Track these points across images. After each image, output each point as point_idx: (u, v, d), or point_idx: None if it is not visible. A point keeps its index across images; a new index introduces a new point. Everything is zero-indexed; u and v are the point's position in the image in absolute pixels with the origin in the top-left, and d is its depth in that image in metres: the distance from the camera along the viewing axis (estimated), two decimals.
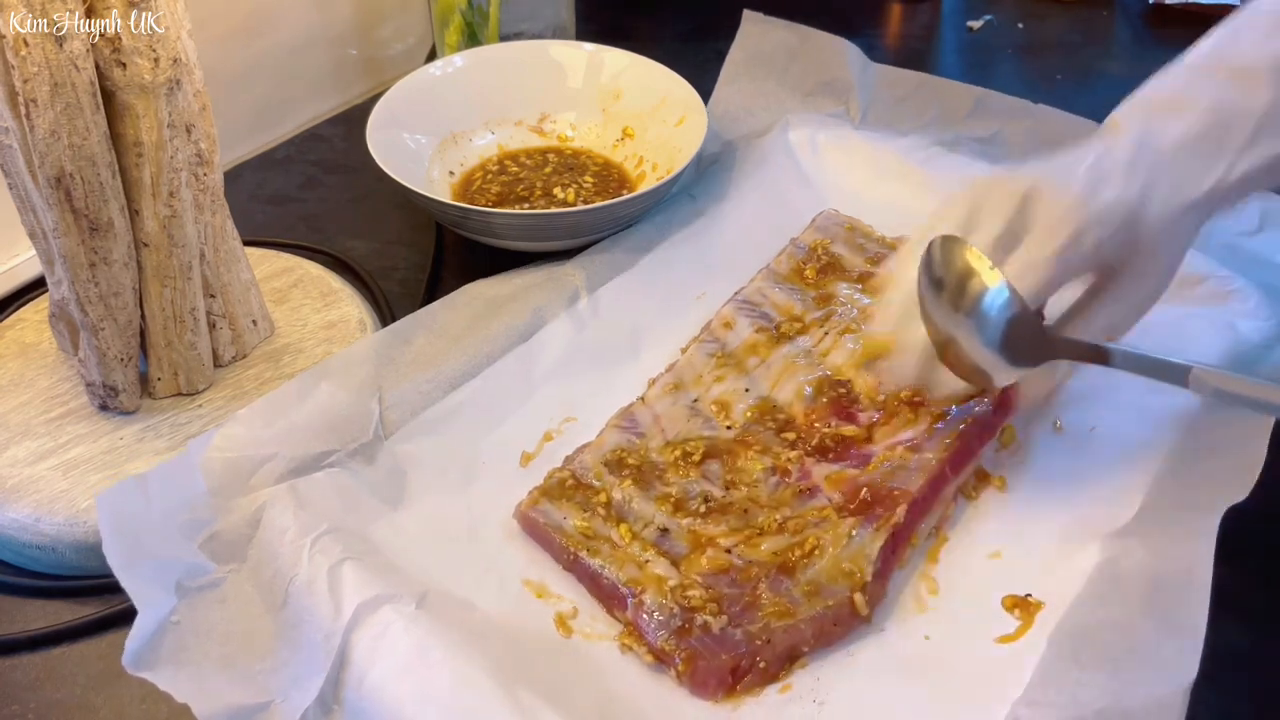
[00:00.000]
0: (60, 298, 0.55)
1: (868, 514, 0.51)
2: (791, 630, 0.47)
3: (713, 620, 0.47)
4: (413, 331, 0.59)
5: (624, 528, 0.52)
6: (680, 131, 0.72)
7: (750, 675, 0.46)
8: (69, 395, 0.58)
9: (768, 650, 0.46)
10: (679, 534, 0.52)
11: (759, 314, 0.64)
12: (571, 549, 0.51)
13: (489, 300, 0.62)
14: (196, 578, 0.47)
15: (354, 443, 0.53)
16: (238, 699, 0.43)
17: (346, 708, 0.43)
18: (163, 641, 0.44)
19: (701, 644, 0.46)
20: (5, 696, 0.48)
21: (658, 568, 0.50)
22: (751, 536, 0.51)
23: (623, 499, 0.53)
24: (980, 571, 0.51)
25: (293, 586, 0.46)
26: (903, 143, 0.73)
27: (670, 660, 0.46)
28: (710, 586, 0.49)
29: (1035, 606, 0.48)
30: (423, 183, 0.70)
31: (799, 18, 0.81)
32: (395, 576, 0.47)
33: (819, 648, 0.47)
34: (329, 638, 0.44)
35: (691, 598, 0.48)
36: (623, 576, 0.49)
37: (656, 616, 0.47)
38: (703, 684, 0.46)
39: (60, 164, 0.49)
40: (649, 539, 0.51)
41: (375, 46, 0.89)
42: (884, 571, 0.49)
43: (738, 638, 0.47)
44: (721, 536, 0.51)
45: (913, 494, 0.51)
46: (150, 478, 0.48)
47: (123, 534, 0.45)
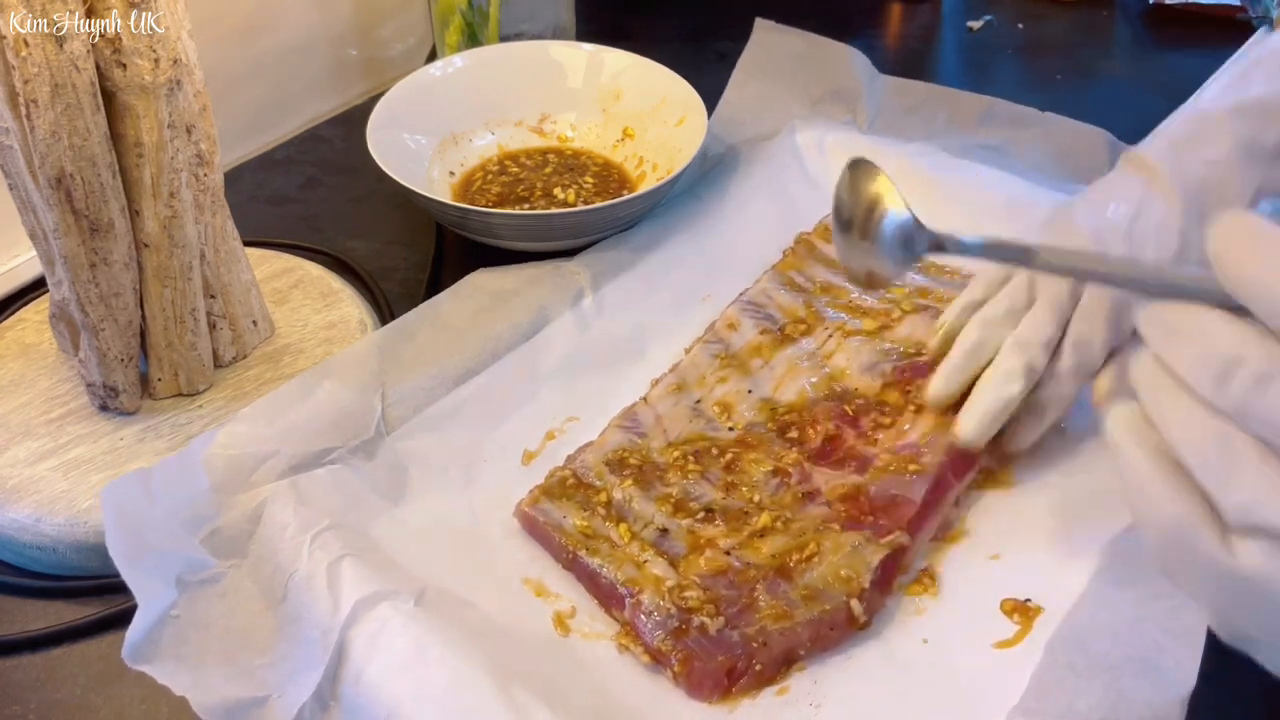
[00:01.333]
0: (61, 298, 0.55)
1: (869, 524, 0.51)
2: (788, 634, 0.47)
3: (709, 622, 0.47)
4: (416, 326, 0.59)
5: (623, 527, 0.52)
6: (680, 132, 0.72)
7: (746, 677, 0.46)
8: (69, 396, 0.58)
9: (764, 653, 0.46)
10: (678, 535, 0.52)
11: (763, 315, 0.64)
12: (570, 548, 0.51)
13: (493, 293, 0.62)
14: (197, 572, 0.47)
15: (356, 439, 0.53)
16: (235, 693, 0.43)
17: (343, 704, 0.43)
18: (162, 635, 0.45)
19: (698, 645, 0.46)
20: (6, 697, 0.48)
21: (656, 568, 0.50)
22: (751, 539, 0.51)
23: (623, 499, 0.53)
24: (980, 574, 0.50)
25: (292, 582, 0.46)
26: (910, 148, 0.73)
27: (666, 661, 0.46)
28: (708, 588, 0.48)
29: (1034, 611, 0.48)
30: (423, 183, 0.70)
31: (799, 18, 0.81)
32: (394, 573, 0.47)
33: (816, 652, 0.47)
34: (327, 633, 0.44)
35: (689, 599, 0.48)
36: (621, 576, 0.49)
37: (654, 617, 0.47)
38: (698, 685, 0.46)
39: (61, 165, 0.49)
40: (648, 539, 0.51)
41: (375, 47, 0.89)
42: (884, 580, 0.49)
43: (734, 640, 0.46)
44: (721, 538, 0.51)
45: (915, 504, 0.51)
46: (153, 473, 0.48)
47: (125, 527, 0.46)
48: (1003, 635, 0.47)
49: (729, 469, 0.55)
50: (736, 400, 0.59)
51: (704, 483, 0.54)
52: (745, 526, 0.52)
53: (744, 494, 0.53)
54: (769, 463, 0.55)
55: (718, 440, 0.56)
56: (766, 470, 0.54)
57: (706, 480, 0.54)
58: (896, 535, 0.50)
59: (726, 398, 0.59)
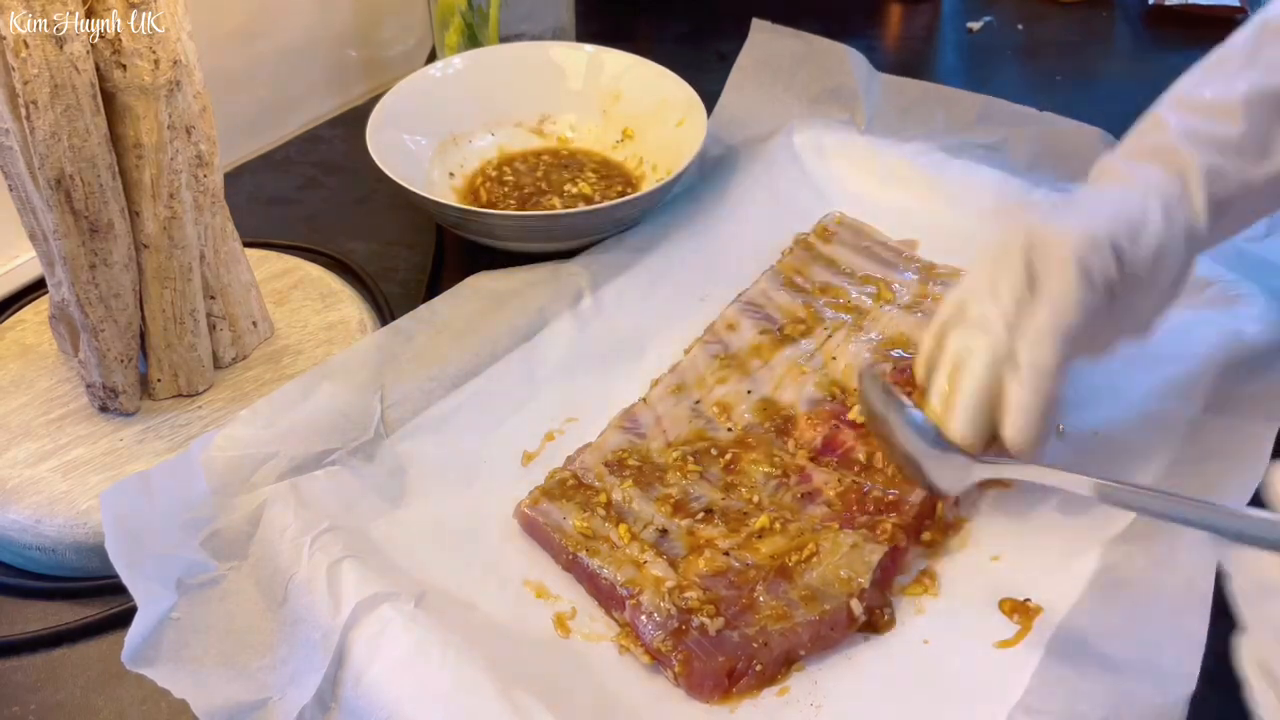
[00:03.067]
0: (60, 299, 0.55)
1: (868, 524, 0.51)
2: (788, 634, 0.47)
3: (709, 622, 0.47)
4: (415, 328, 0.59)
5: (623, 528, 0.52)
6: (680, 132, 0.72)
7: (746, 678, 0.46)
8: (69, 397, 0.58)
9: (764, 653, 0.46)
10: (678, 535, 0.52)
11: (762, 316, 0.64)
12: (570, 549, 0.51)
13: (493, 295, 0.62)
14: (197, 575, 0.47)
15: (355, 441, 0.53)
16: (235, 696, 0.43)
17: (344, 706, 0.43)
18: (162, 638, 0.45)
19: (698, 646, 0.46)
20: (6, 698, 0.48)
21: (655, 569, 0.50)
22: (750, 539, 0.51)
23: (622, 499, 0.53)
24: (980, 574, 0.51)
25: (292, 584, 0.46)
26: (908, 148, 0.73)
27: (667, 661, 0.46)
28: (708, 588, 0.48)
29: (1034, 611, 0.48)
30: (423, 184, 0.70)
31: (798, 18, 0.81)
32: (394, 575, 0.48)
33: (815, 652, 0.47)
34: (327, 635, 0.44)
35: (689, 599, 0.48)
36: (620, 577, 0.49)
37: (654, 617, 0.47)
38: (699, 686, 0.46)
39: (60, 166, 0.49)
40: (648, 540, 0.51)
41: (375, 48, 0.89)
42: (884, 580, 0.49)
43: (734, 640, 0.47)
44: (720, 538, 0.51)
45: (914, 504, 0.51)
46: (153, 475, 0.48)
47: (125, 530, 0.46)
48: (1003, 635, 0.47)
49: (728, 469, 0.55)
50: (736, 401, 0.59)
51: (703, 483, 0.54)
52: (744, 527, 0.52)
53: (743, 494, 0.53)
54: (768, 463, 0.55)
55: (717, 440, 0.56)
56: (766, 470, 0.54)
57: (706, 480, 0.54)
58: (895, 534, 0.50)
59: (726, 398, 0.59)
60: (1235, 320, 0.60)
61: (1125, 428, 0.56)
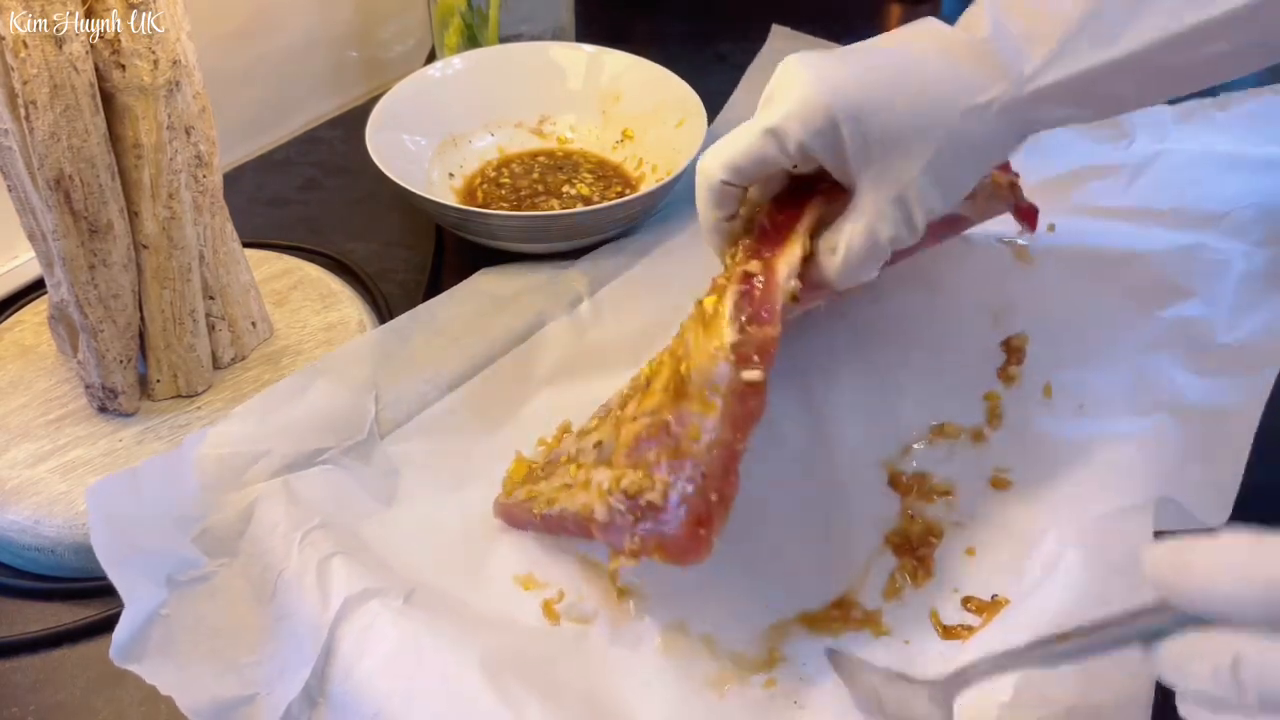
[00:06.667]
0: (59, 300, 0.55)
1: (724, 278, 0.48)
2: (714, 446, 0.43)
3: (655, 496, 0.43)
4: (411, 329, 0.59)
5: (573, 467, 0.49)
6: (680, 133, 0.72)
7: (715, 516, 0.43)
8: (68, 397, 0.58)
9: (710, 481, 0.43)
10: (610, 437, 0.48)
11: None
12: (537, 512, 0.49)
13: (490, 297, 0.62)
14: (187, 571, 0.47)
15: (348, 441, 0.53)
16: (223, 691, 0.43)
17: (331, 701, 0.43)
18: (151, 634, 0.45)
19: (660, 523, 0.43)
20: (6, 699, 0.48)
21: (597, 476, 0.46)
22: (647, 387, 0.48)
23: (575, 450, 0.50)
24: (966, 572, 0.50)
25: (281, 580, 0.46)
26: None
27: (646, 553, 0.43)
28: (638, 461, 0.45)
29: (1002, 604, 0.48)
30: (422, 184, 0.70)
31: (798, 18, 0.81)
32: (384, 572, 0.47)
33: (748, 435, 0.44)
34: (316, 631, 0.44)
35: (628, 487, 0.44)
36: (575, 507, 0.46)
37: (613, 523, 0.44)
38: (683, 553, 0.43)
39: (60, 166, 0.49)
40: (589, 461, 0.48)
41: (375, 48, 0.89)
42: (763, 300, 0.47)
43: (682, 492, 0.43)
44: (633, 409, 0.48)
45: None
46: (142, 472, 0.48)
47: (112, 527, 0.45)
48: (984, 631, 0.47)
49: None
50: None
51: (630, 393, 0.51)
52: (640, 389, 0.49)
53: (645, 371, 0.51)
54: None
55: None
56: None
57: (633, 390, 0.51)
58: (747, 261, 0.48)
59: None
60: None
61: (1111, 400, 0.57)
